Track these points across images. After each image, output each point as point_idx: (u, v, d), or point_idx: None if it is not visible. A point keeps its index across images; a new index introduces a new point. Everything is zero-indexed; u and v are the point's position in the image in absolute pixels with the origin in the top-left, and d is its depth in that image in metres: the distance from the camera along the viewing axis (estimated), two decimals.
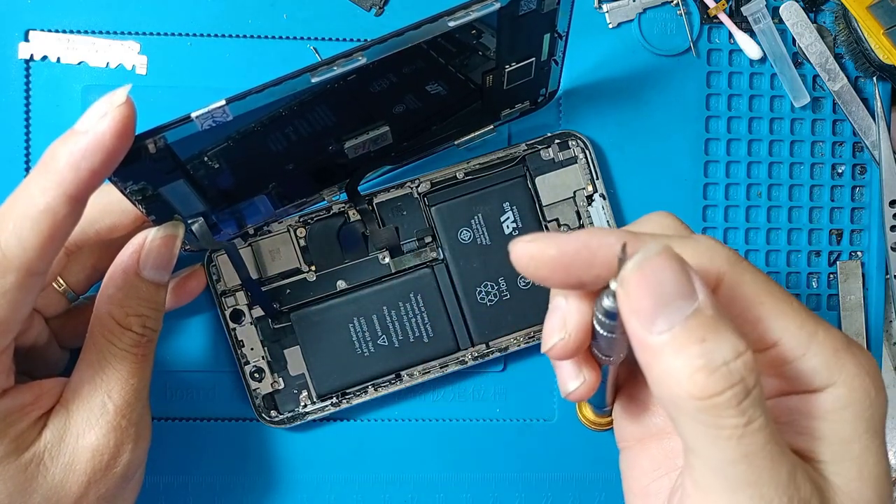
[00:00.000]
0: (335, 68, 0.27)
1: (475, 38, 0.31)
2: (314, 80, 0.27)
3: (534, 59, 0.34)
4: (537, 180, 0.38)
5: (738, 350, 0.20)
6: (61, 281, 0.34)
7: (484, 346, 0.38)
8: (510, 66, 0.34)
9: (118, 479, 0.30)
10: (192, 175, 0.30)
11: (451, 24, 0.28)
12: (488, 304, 0.38)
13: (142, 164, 0.27)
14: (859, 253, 0.40)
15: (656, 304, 0.20)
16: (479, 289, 0.38)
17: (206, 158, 0.30)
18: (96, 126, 0.24)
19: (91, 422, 0.29)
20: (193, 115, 0.26)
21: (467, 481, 0.39)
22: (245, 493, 0.38)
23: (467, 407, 0.39)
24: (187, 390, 0.38)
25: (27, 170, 0.37)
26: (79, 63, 0.37)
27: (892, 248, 0.39)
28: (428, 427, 0.39)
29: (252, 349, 0.37)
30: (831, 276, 0.40)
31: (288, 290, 0.37)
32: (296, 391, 0.37)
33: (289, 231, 0.37)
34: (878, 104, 0.39)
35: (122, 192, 0.28)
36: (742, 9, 0.39)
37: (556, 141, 0.38)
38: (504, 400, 0.39)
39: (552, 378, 0.39)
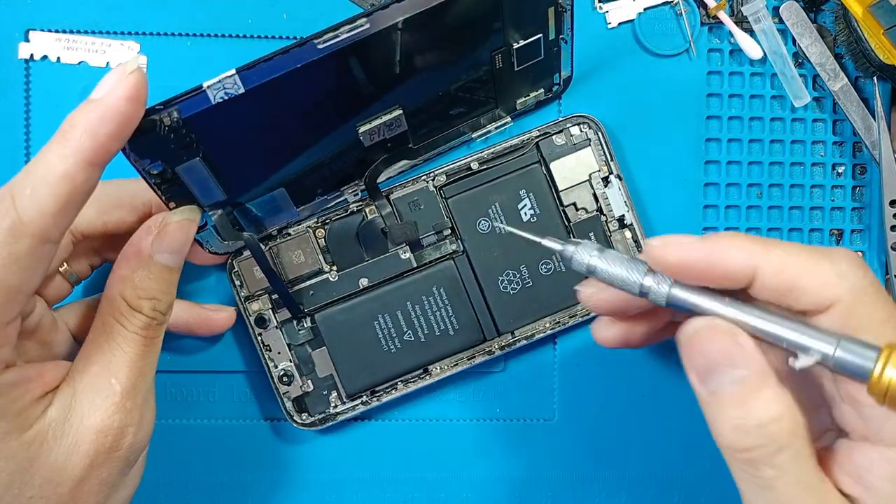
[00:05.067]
0: (340, 34, 0.28)
1: (478, 9, 0.31)
2: (320, 46, 0.28)
3: (541, 35, 0.34)
4: (552, 165, 0.38)
5: (774, 415, 0.24)
6: (64, 264, 0.34)
7: (510, 334, 0.38)
8: (517, 43, 0.34)
9: (121, 462, 0.30)
10: (208, 158, 0.30)
11: None
12: (511, 292, 0.38)
13: (157, 136, 0.27)
14: (859, 253, 0.40)
15: (707, 365, 0.25)
16: (500, 278, 0.38)
17: (221, 143, 0.30)
18: (111, 92, 0.25)
19: (97, 402, 0.29)
20: (205, 84, 0.27)
21: (467, 481, 0.39)
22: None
23: (467, 407, 0.39)
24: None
25: None
26: (79, 63, 0.37)
27: (892, 248, 0.39)
28: (428, 427, 0.39)
29: (279, 353, 0.37)
30: None
31: (311, 292, 0.37)
32: (325, 392, 0.37)
33: (308, 232, 0.37)
34: (878, 104, 0.39)
35: (140, 172, 0.29)
36: (742, 9, 0.39)
37: (568, 125, 0.38)
38: (504, 400, 0.39)
39: (552, 378, 0.39)
